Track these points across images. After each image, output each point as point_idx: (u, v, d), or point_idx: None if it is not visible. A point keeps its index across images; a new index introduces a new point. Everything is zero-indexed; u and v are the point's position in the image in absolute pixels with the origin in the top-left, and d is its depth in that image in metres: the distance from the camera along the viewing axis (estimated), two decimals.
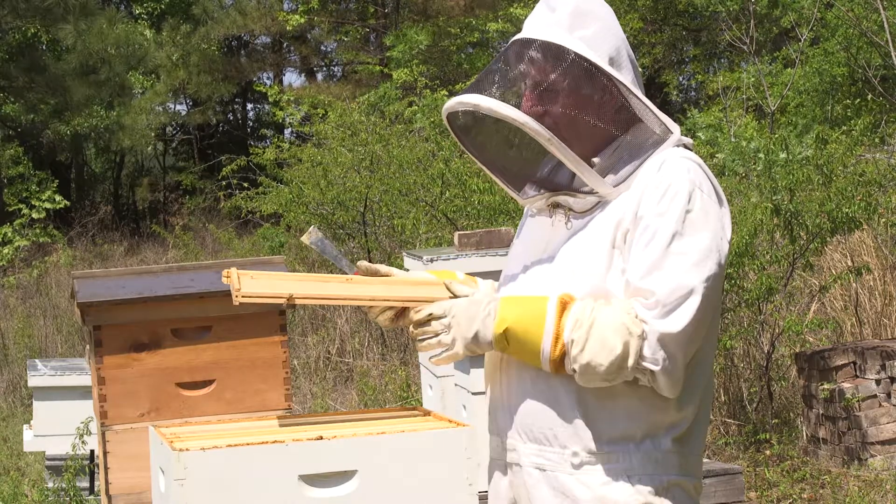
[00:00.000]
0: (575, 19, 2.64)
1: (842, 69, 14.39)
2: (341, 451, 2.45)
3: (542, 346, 2.53)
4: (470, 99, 2.60)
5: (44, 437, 7.28)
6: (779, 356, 8.49)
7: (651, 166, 2.61)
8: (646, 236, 2.55)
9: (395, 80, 19.22)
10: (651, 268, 2.53)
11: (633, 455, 2.59)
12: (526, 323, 2.54)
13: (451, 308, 2.60)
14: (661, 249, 2.53)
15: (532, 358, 2.56)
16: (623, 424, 2.59)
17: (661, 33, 21.08)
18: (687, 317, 2.51)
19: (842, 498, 6.71)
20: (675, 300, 2.51)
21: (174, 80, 23.12)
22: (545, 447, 2.62)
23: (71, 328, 13.36)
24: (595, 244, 2.61)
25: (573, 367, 2.53)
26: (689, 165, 2.61)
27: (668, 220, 2.54)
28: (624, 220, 2.59)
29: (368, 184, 11.50)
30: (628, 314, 2.51)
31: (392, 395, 9.02)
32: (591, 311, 2.52)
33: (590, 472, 2.59)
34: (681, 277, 2.52)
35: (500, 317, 2.56)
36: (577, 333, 2.51)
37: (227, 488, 2.39)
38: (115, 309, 3.71)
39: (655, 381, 2.54)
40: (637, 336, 2.50)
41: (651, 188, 2.58)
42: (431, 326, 2.61)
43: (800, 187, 8.08)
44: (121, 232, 21.41)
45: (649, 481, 2.59)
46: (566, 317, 2.52)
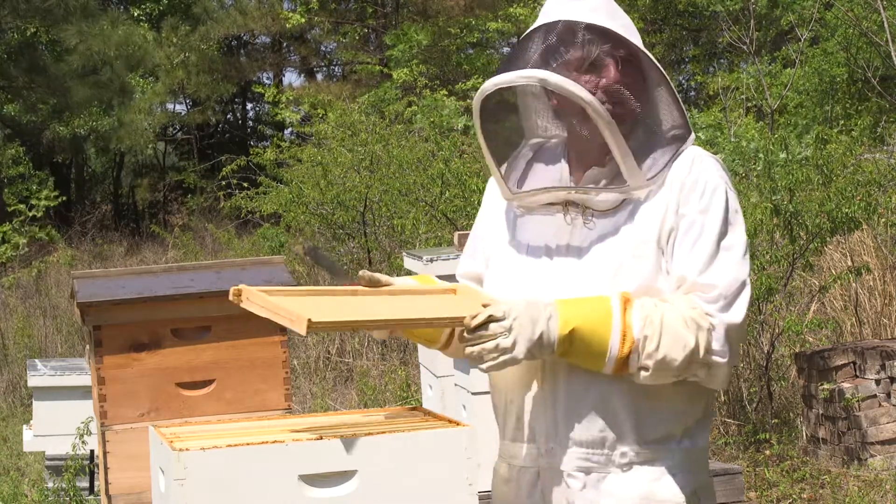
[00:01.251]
0: (610, 9, 2.64)
1: (841, 69, 14.39)
2: (341, 451, 2.45)
3: (609, 344, 2.51)
4: (537, 73, 2.54)
5: (44, 437, 7.28)
6: (779, 356, 8.50)
7: (683, 163, 2.63)
8: (693, 233, 2.58)
9: (394, 79, 19.22)
10: (707, 263, 2.57)
11: (675, 453, 2.62)
12: (592, 322, 2.50)
13: (512, 310, 2.48)
14: (713, 245, 2.58)
15: (595, 359, 2.53)
16: (667, 423, 2.62)
17: (661, 33, 21.09)
18: (744, 308, 2.58)
19: (841, 498, 6.71)
20: (734, 293, 2.56)
21: (173, 80, 23.12)
22: (592, 450, 2.62)
23: (71, 328, 13.36)
24: (640, 243, 2.59)
25: (645, 364, 2.52)
26: (715, 163, 2.65)
27: (714, 216, 2.59)
28: (667, 218, 2.60)
29: (368, 184, 11.50)
30: (693, 309, 2.54)
31: (392, 395, 9.02)
32: (657, 308, 2.53)
33: (637, 472, 2.61)
34: (734, 271, 2.58)
35: (564, 318, 2.49)
36: (649, 330, 2.50)
37: (227, 488, 2.39)
38: (115, 309, 3.71)
39: (716, 374, 2.58)
40: (706, 330, 2.53)
41: (688, 185, 2.60)
42: (489, 330, 2.47)
43: (799, 187, 8.08)
44: (120, 232, 21.42)
45: (691, 479, 2.63)
46: (630, 314, 2.51)
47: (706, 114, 15.02)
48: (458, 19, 22.21)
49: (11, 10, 18.44)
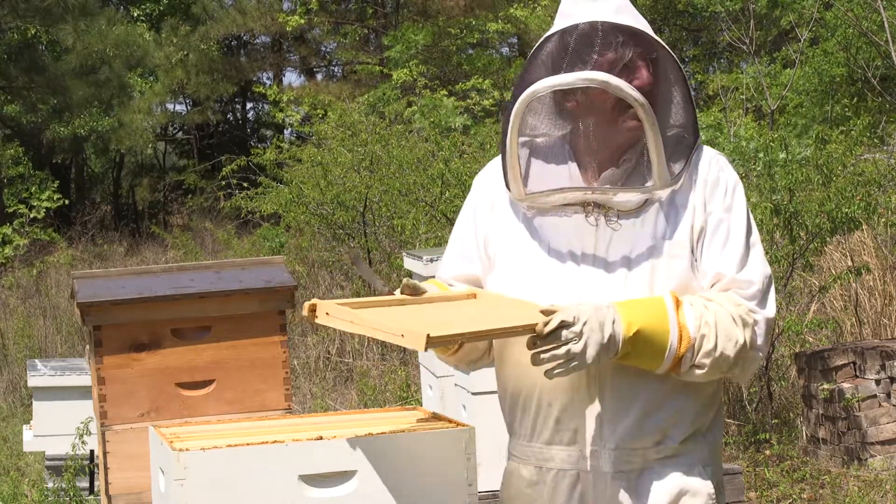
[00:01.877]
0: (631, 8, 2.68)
1: (841, 69, 14.39)
2: (341, 451, 2.45)
3: (669, 343, 2.56)
4: (598, 76, 2.57)
5: (44, 437, 7.28)
6: (779, 356, 8.49)
7: (704, 162, 2.69)
8: (722, 231, 2.66)
9: (394, 80, 19.22)
10: (742, 260, 2.65)
11: (703, 447, 2.70)
12: (653, 323, 2.56)
13: (581, 314, 2.49)
14: (743, 243, 2.66)
15: (654, 359, 2.58)
16: (699, 418, 2.69)
17: (661, 34, 21.07)
18: (775, 301, 2.69)
19: (841, 498, 6.71)
20: (766, 288, 2.66)
21: (173, 79, 23.12)
22: (632, 449, 2.65)
23: (71, 328, 13.36)
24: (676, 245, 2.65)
25: (701, 363, 2.59)
26: (727, 163, 2.73)
27: (738, 215, 2.67)
28: (697, 218, 2.66)
29: (368, 184, 11.50)
30: (738, 306, 2.62)
31: (392, 395, 9.02)
32: (707, 308, 2.60)
33: (672, 466, 2.67)
34: (765, 267, 2.68)
35: (627, 320, 2.54)
36: (705, 329, 2.57)
37: (227, 488, 2.39)
38: (115, 309, 3.71)
39: (750, 367, 2.67)
40: (752, 325, 2.62)
41: (711, 184, 2.68)
42: (562, 337, 2.47)
43: (799, 187, 8.07)
44: (120, 232, 21.41)
45: (715, 471, 2.72)
46: (683, 314, 2.58)
47: (706, 114, 15.01)
48: (458, 19, 22.21)
49: (11, 10, 18.44)
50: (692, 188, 2.66)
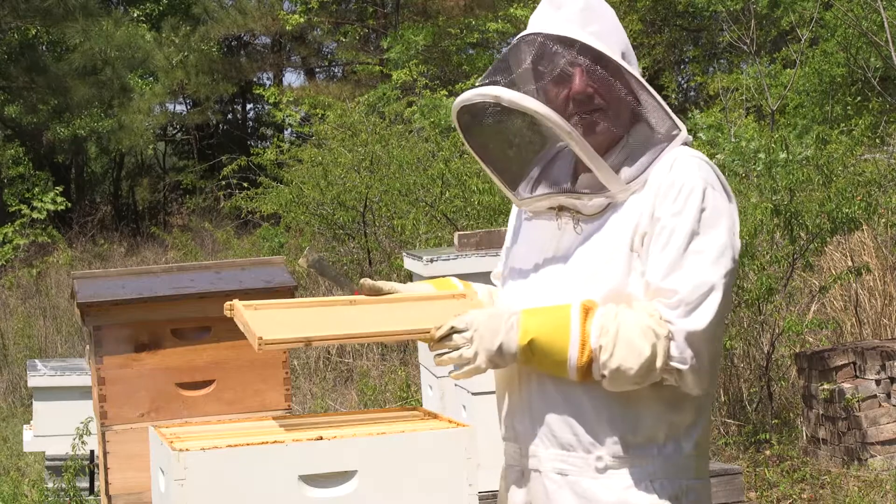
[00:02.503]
0: (585, 16, 2.63)
1: (841, 69, 14.39)
2: (341, 451, 2.45)
3: (568, 353, 2.52)
4: (491, 91, 2.57)
5: (44, 437, 7.28)
6: (779, 356, 8.49)
7: (663, 165, 2.60)
8: (663, 237, 2.55)
9: (394, 80, 19.22)
10: (671, 267, 2.54)
11: (655, 459, 2.61)
12: (551, 332, 2.53)
13: (473, 321, 2.56)
14: (680, 249, 2.54)
15: (557, 367, 2.55)
16: (647, 428, 2.60)
17: (661, 34, 21.08)
18: (710, 313, 2.53)
19: (842, 498, 6.71)
20: (698, 298, 2.52)
21: (173, 80, 23.13)
22: (569, 453, 2.63)
23: (71, 328, 13.36)
24: (613, 248, 2.60)
25: (602, 373, 2.53)
26: (699, 163, 2.61)
27: (685, 219, 2.55)
28: (641, 222, 2.58)
29: (368, 184, 11.50)
30: (652, 316, 2.52)
31: (392, 396, 9.02)
32: (615, 316, 2.52)
33: (613, 477, 2.61)
34: (702, 275, 2.53)
35: (524, 328, 2.54)
36: (604, 339, 2.50)
37: (227, 488, 2.39)
38: (115, 309, 3.70)
39: (683, 379, 2.55)
40: (664, 337, 2.51)
41: (665, 188, 2.57)
42: (453, 341, 2.57)
43: (800, 187, 8.07)
44: (120, 232, 21.42)
45: (669, 486, 2.61)
46: (590, 323, 2.52)
47: (706, 114, 15.01)
48: (458, 20, 22.21)
49: (11, 10, 18.44)
50: (646, 192, 2.59)
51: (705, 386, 2.58)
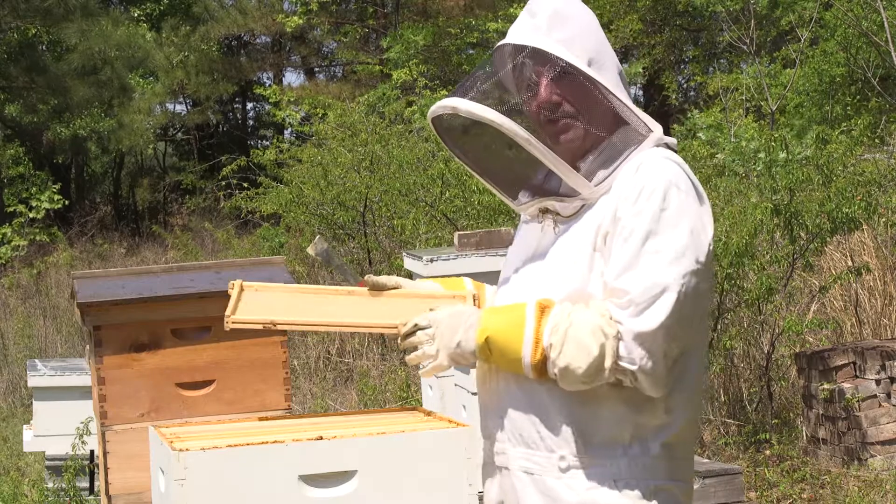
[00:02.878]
0: (553, 22, 2.64)
1: (841, 69, 14.39)
2: (341, 451, 2.45)
3: (522, 352, 2.55)
4: (448, 102, 2.62)
5: (44, 437, 7.28)
6: (779, 356, 8.49)
7: (630, 168, 2.62)
8: (621, 237, 2.56)
9: (394, 80, 19.22)
10: (625, 267, 2.54)
11: (620, 459, 2.60)
12: (506, 330, 2.57)
13: (435, 319, 2.64)
14: (635, 249, 2.54)
15: (514, 365, 2.58)
16: (610, 428, 2.60)
17: (661, 34, 21.08)
18: (661, 314, 2.51)
19: (842, 498, 6.71)
20: (649, 298, 2.51)
21: (173, 80, 23.13)
22: (533, 451, 2.64)
23: (71, 328, 13.36)
24: (577, 248, 2.62)
25: (554, 372, 2.54)
26: (666, 164, 2.61)
27: (643, 219, 2.55)
28: (604, 223, 2.60)
29: (368, 184, 11.50)
30: (602, 316, 2.52)
31: (392, 395, 9.01)
32: (567, 315, 2.54)
33: (576, 477, 2.60)
34: (654, 275, 2.52)
35: (482, 326, 2.59)
36: (554, 337, 2.53)
37: (227, 488, 2.39)
38: (115, 309, 3.71)
39: (637, 380, 2.54)
40: (612, 337, 2.51)
41: (628, 189, 2.58)
42: (417, 338, 2.64)
43: (800, 187, 8.07)
44: (120, 232, 21.42)
45: (636, 486, 2.60)
46: (544, 322, 2.54)
47: (706, 114, 15.02)
48: (457, 19, 22.22)
49: (11, 10, 18.44)
50: (611, 193, 2.61)
51: (662, 387, 2.56)
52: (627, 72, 19.91)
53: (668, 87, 20.95)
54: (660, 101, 23.65)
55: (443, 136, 2.74)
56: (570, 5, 2.69)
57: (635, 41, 20.50)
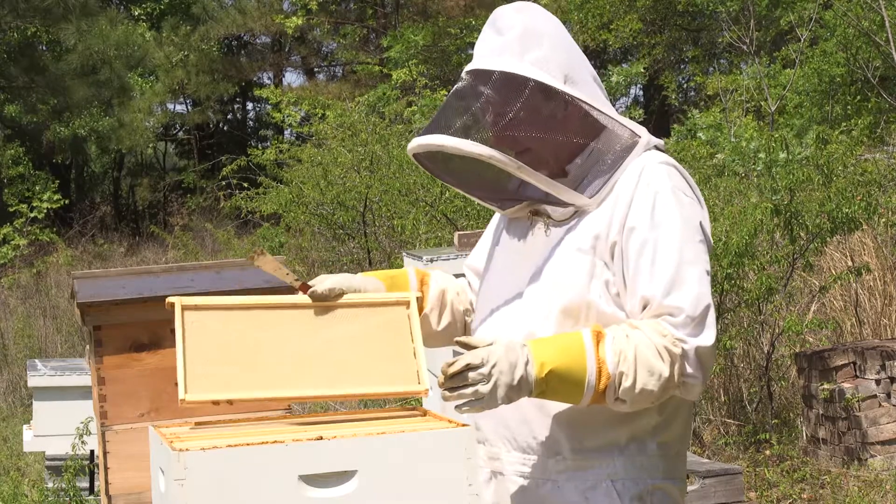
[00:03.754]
0: (524, 42, 2.62)
1: (840, 69, 14.39)
2: (341, 451, 2.45)
3: (586, 382, 2.49)
4: (433, 140, 2.58)
5: (44, 437, 7.28)
6: (779, 356, 8.49)
7: (630, 175, 2.61)
8: (649, 250, 2.55)
9: (394, 80, 19.22)
10: (670, 284, 2.54)
11: (616, 460, 2.61)
12: (567, 362, 2.49)
13: (490, 356, 2.47)
14: (673, 264, 2.54)
15: (572, 396, 2.52)
16: (607, 431, 2.61)
17: (661, 34, 21.08)
18: (714, 328, 2.55)
19: (842, 498, 6.71)
20: (701, 313, 2.54)
21: (173, 79, 23.12)
22: (528, 455, 2.65)
23: (71, 328, 13.36)
24: (576, 254, 2.61)
25: (621, 398, 2.51)
26: (668, 171, 2.62)
27: (669, 232, 2.56)
28: (610, 231, 2.59)
29: (368, 184, 11.50)
30: (664, 336, 2.52)
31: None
32: (628, 341, 2.51)
33: (573, 478, 2.62)
34: (698, 288, 2.55)
35: (539, 360, 2.48)
36: (624, 366, 2.49)
37: (227, 488, 2.38)
38: (115, 309, 3.71)
39: (690, 391, 2.57)
40: (679, 356, 2.52)
41: (639, 199, 2.58)
42: (468, 378, 2.47)
43: (800, 187, 8.07)
44: (120, 232, 21.42)
45: (632, 486, 2.61)
46: (603, 349, 2.50)
47: (706, 114, 15.02)
48: (457, 19, 22.22)
49: (11, 10, 18.44)
50: (610, 200, 2.60)
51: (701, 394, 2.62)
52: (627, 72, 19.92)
53: (668, 87, 20.94)
54: (660, 101, 23.65)
55: (423, 163, 2.71)
56: (538, 19, 2.66)
57: (635, 41, 20.50)
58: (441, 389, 2.50)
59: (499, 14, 2.67)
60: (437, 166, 2.71)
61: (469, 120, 2.58)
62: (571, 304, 2.59)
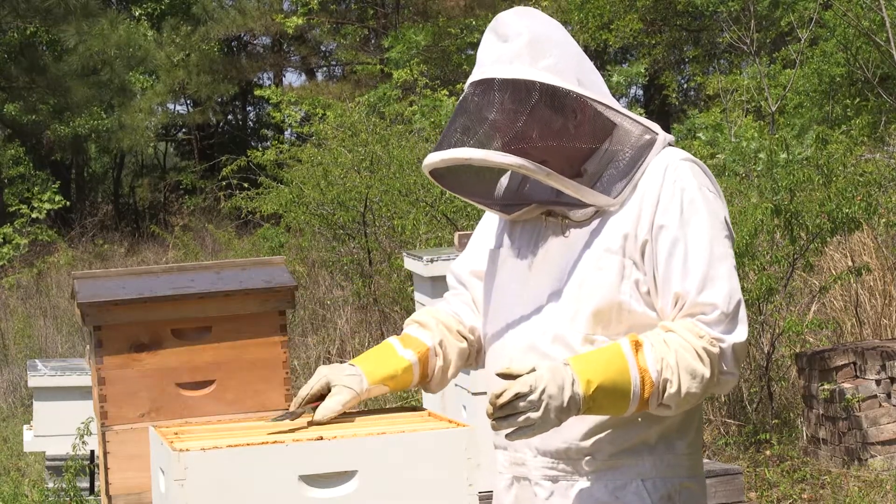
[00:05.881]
0: (534, 49, 2.60)
1: (840, 69, 14.39)
2: (341, 451, 2.45)
3: (631, 392, 2.49)
4: (459, 154, 2.55)
5: (44, 437, 7.28)
6: (779, 356, 8.49)
7: (654, 172, 2.61)
8: (680, 248, 2.56)
9: (394, 80, 19.22)
10: (703, 281, 2.55)
11: (646, 459, 2.62)
12: (612, 375, 2.48)
13: (537, 382, 2.43)
14: (705, 261, 2.56)
15: (618, 408, 2.51)
16: (640, 431, 2.61)
17: (661, 34, 21.07)
18: (745, 323, 2.58)
19: (842, 498, 6.71)
20: (734, 308, 2.56)
21: (174, 79, 23.13)
22: (559, 459, 2.64)
23: (71, 328, 13.36)
24: (604, 254, 2.60)
25: (665, 404, 2.52)
26: (692, 168, 2.63)
27: (698, 228, 2.57)
28: (639, 230, 2.59)
29: (368, 184, 11.50)
30: (701, 337, 2.53)
31: (392, 395, 9.02)
32: (667, 346, 2.52)
33: (602, 478, 2.62)
34: (730, 284, 2.57)
35: (585, 378, 2.46)
36: (668, 373, 2.50)
37: (227, 488, 2.39)
38: (115, 309, 3.70)
39: (726, 387, 2.60)
40: (716, 355, 2.54)
41: (665, 196, 2.58)
42: (518, 408, 2.42)
43: (800, 187, 8.07)
44: (121, 232, 21.41)
45: (662, 485, 2.63)
46: (643, 357, 2.51)
47: (706, 114, 15.02)
48: (458, 20, 22.21)
49: (11, 10, 18.44)
50: (635, 198, 2.60)
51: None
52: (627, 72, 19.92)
53: (668, 87, 20.93)
54: (660, 101, 23.65)
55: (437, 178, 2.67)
56: (542, 25, 2.65)
57: (635, 41, 20.49)
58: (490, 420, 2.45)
59: (502, 20, 2.67)
60: (448, 179, 2.69)
61: (490, 130, 2.56)
62: (602, 306, 2.58)
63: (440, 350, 2.79)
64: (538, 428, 2.44)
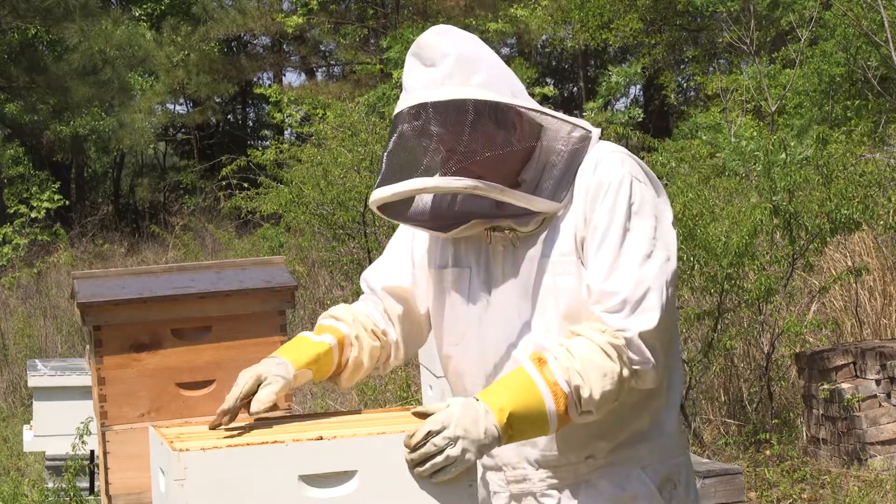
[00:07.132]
0: (463, 68, 2.59)
1: (840, 69, 14.40)
2: (341, 451, 2.45)
3: (546, 409, 2.46)
4: (413, 185, 2.53)
5: (44, 437, 7.28)
6: (779, 356, 8.50)
7: (587, 167, 2.61)
8: (597, 237, 2.56)
9: (394, 79, 19.22)
10: (610, 268, 2.53)
11: (641, 446, 2.65)
12: (523, 398, 2.46)
13: (449, 418, 2.40)
14: (615, 248, 2.54)
15: (539, 428, 2.49)
16: (632, 420, 2.64)
17: (661, 34, 21.08)
18: (656, 309, 2.52)
19: (842, 498, 6.71)
20: (640, 296, 2.51)
21: (174, 79, 23.14)
22: (559, 468, 2.65)
23: (71, 328, 13.36)
24: (562, 259, 2.60)
25: (585, 410, 2.50)
26: (621, 157, 2.62)
27: (616, 217, 2.55)
28: (578, 228, 2.59)
29: (368, 184, 11.50)
30: (603, 332, 2.50)
31: (392, 395, 9.02)
32: (570, 354, 2.49)
33: (606, 474, 2.64)
34: (639, 271, 2.52)
35: (496, 406, 2.43)
36: (577, 380, 2.47)
37: (227, 488, 2.39)
38: (115, 309, 3.70)
39: (644, 379, 2.55)
40: (623, 347, 2.50)
41: (594, 189, 2.58)
42: (434, 446, 2.38)
43: (799, 188, 8.08)
44: (121, 232, 21.42)
45: (661, 468, 2.66)
46: (548, 372, 2.48)
47: (706, 114, 15.03)
48: (458, 20, 22.22)
49: (11, 10, 18.45)
50: (577, 197, 2.60)
51: (661, 378, 2.59)
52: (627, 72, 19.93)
53: (667, 87, 20.94)
54: (659, 101, 23.66)
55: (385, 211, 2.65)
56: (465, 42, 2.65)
57: (635, 41, 20.51)
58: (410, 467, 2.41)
59: (424, 43, 2.66)
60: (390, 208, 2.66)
61: (437, 156, 2.55)
62: (570, 308, 2.59)
63: (356, 342, 2.77)
64: (459, 464, 2.39)
